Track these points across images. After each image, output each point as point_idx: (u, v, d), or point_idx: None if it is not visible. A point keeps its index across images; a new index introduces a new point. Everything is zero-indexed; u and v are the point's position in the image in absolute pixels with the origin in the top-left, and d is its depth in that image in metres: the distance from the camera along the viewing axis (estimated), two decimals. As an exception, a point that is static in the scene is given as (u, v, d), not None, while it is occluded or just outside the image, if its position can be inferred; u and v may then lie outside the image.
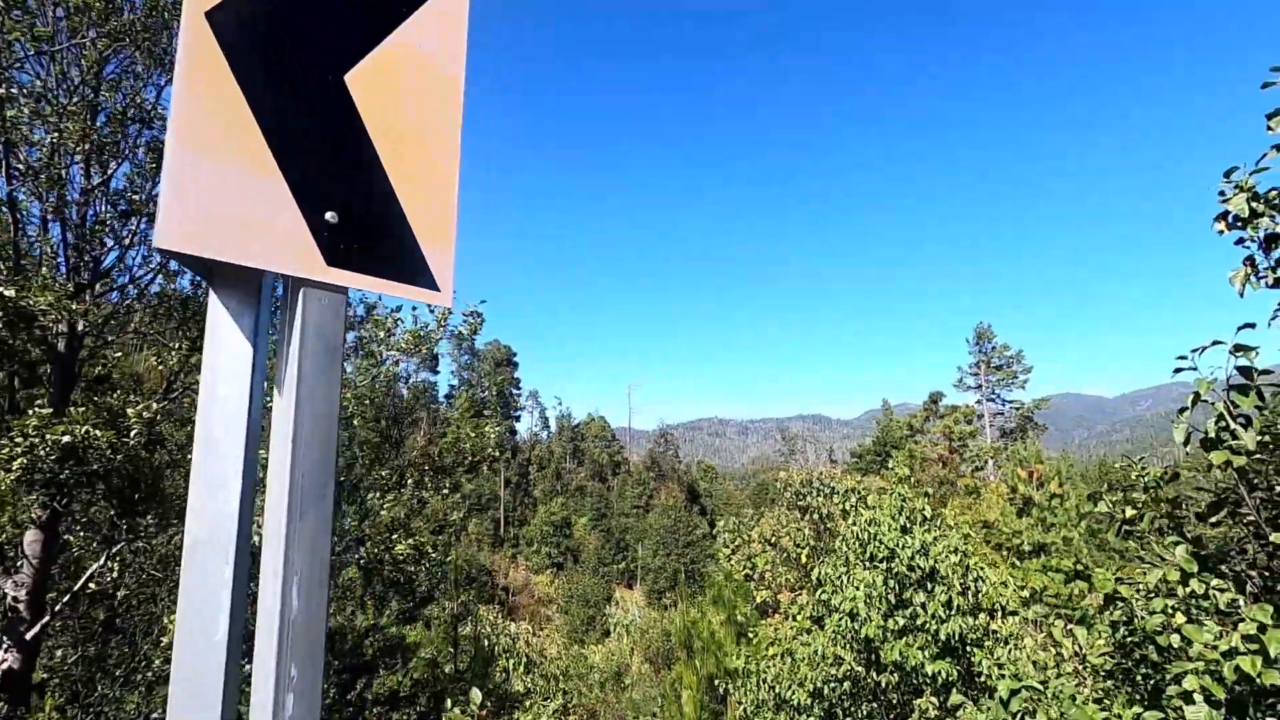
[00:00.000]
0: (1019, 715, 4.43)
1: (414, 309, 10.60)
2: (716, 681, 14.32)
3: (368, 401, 10.39)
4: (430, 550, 11.46)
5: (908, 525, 9.07)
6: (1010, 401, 74.05)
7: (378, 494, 10.52)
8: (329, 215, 1.11)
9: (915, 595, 8.31)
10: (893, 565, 8.48)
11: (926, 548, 8.45)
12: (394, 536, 10.66)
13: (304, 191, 1.09)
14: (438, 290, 1.19)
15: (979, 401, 74.37)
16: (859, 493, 11.03)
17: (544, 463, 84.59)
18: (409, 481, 11.26)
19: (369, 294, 11.59)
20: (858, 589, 8.26)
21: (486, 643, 16.05)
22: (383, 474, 10.71)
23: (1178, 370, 3.84)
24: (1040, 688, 3.86)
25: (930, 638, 7.93)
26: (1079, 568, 18.20)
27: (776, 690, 9.67)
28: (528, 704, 13.24)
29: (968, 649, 8.26)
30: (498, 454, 13.26)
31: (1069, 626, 9.95)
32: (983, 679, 7.99)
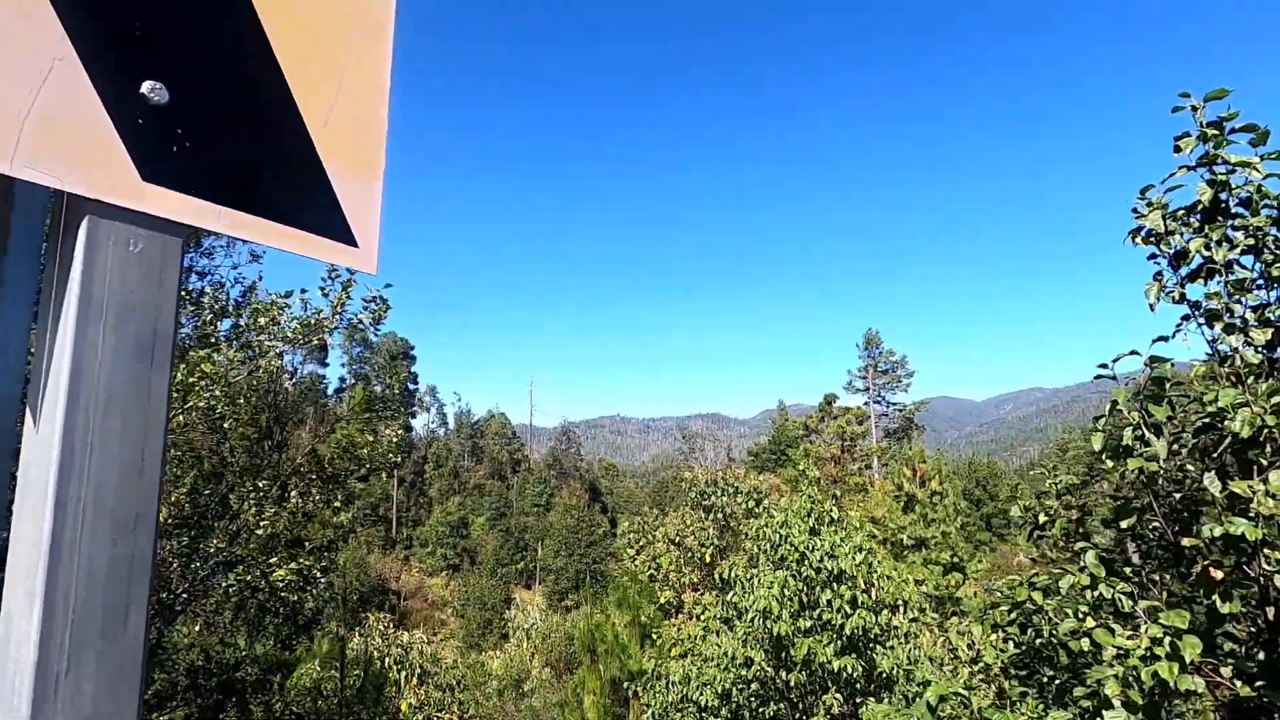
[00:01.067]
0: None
1: (303, 292, 9.46)
2: (622, 684, 14.08)
3: (241, 401, 9.19)
4: (317, 574, 10.32)
5: (816, 527, 9.18)
6: (894, 404, 78.98)
7: (253, 508, 9.26)
8: (148, 88, 0.63)
9: (823, 595, 8.40)
10: (802, 568, 8.54)
11: (834, 549, 8.57)
12: (273, 560, 9.48)
13: (96, 37, 0.60)
14: (355, 246, 0.74)
15: (866, 403, 78.83)
16: (762, 492, 11.09)
17: (441, 461, 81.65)
18: (292, 493, 10.07)
19: (239, 258, 10.11)
20: (770, 589, 8.25)
21: (379, 660, 15.01)
22: (260, 484, 9.49)
23: (1098, 377, 3.94)
24: (965, 693, 3.84)
25: (835, 634, 8.03)
26: (955, 560, 19.46)
27: (684, 692, 9.54)
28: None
29: (870, 645, 8.44)
30: (398, 459, 12.28)
31: (963, 623, 10.46)
32: (882, 675, 8.17)
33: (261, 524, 9.13)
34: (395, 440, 11.79)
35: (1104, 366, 3.86)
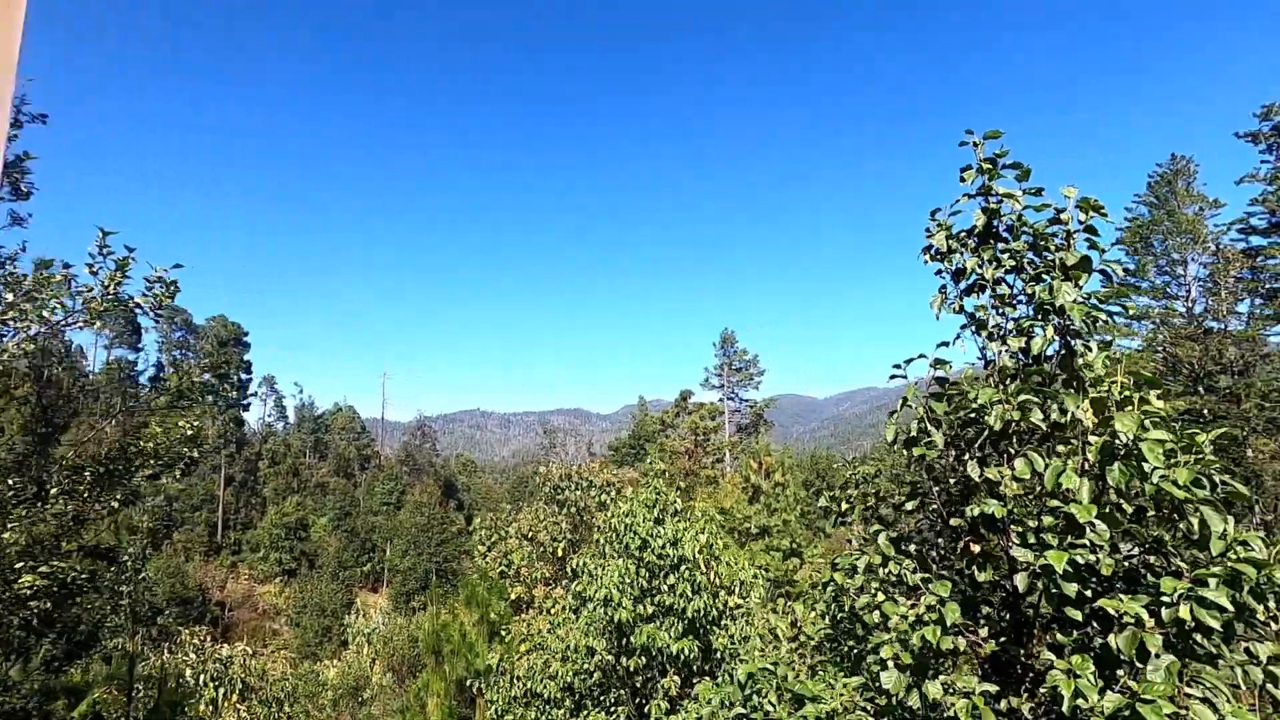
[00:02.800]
0: (751, 694, 4.76)
1: (66, 267, 8.26)
2: (468, 684, 13.74)
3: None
4: (82, 580, 8.99)
5: (661, 516, 9.50)
6: (746, 400, 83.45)
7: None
8: None
9: (664, 580, 8.73)
10: (644, 555, 8.80)
11: (677, 537, 8.93)
12: (19, 566, 8.13)
13: None
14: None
15: (721, 400, 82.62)
16: (616, 485, 11.30)
17: (278, 457, 74.93)
18: (52, 491, 8.68)
19: None
20: (611, 576, 8.43)
21: (193, 677, 13.51)
22: (10, 483, 8.10)
23: (892, 377, 4.43)
24: (772, 669, 4.17)
25: (677, 618, 8.38)
26: (794, 547, 20.92)
27: (528, 685, 9.51)
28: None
29: (709, 627, 8.89)
30: (194, 454, 11.06)
31: (789, 604, 11.27)
32: (718, 655, 8.64)
33: (9, 528, 7.80)
34: (190, 433, 10.62)
35: (898, 367, 4.35)
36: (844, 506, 4.94)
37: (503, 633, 14.69)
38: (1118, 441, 3.40)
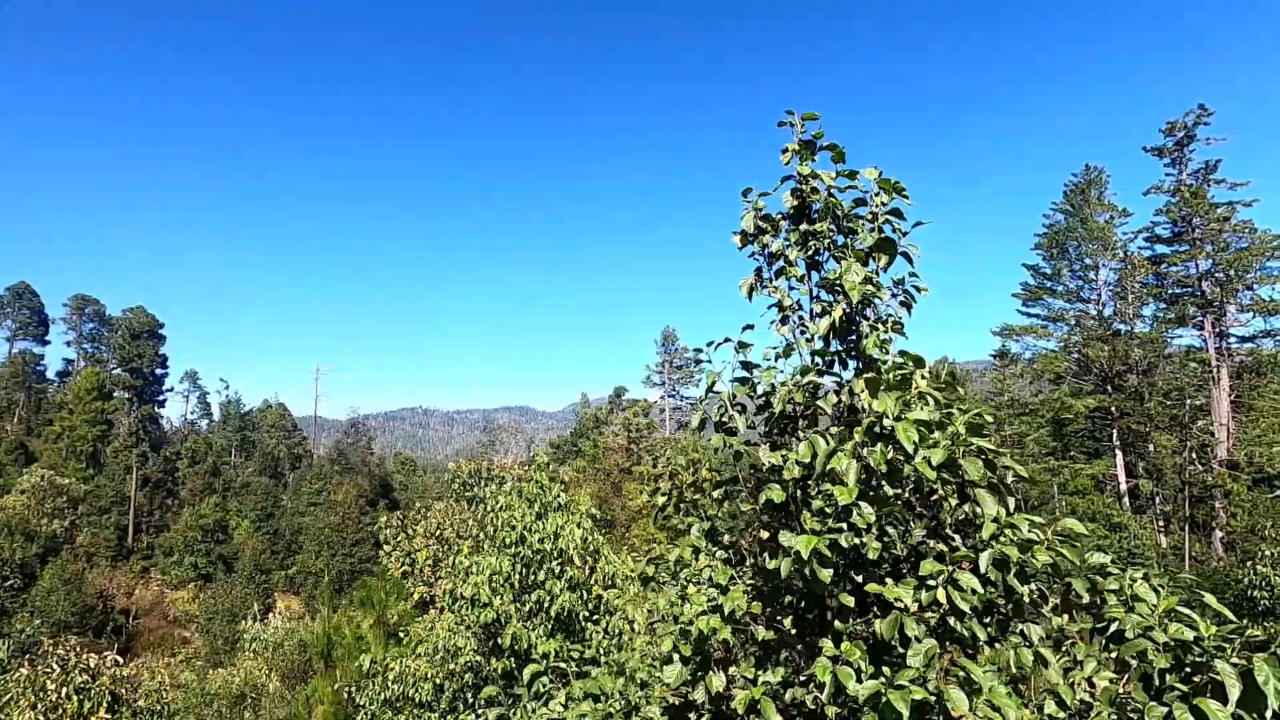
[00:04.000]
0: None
1: None
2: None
3: None
4: None
5: (544, 511, 9.25)
6: (687, 397, 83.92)
7: None
8: None
9: (538, 575, 8.49)
10: (521, 550, 8.55)
11: (558, 531, 8.70)
12: None
13: None
14: None
15: (662, 397, 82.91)
16: (524, 480, 10.97)
17: (198, 456, 71.30)
18: None
19: None
20: (481, 574, 8.14)
21: (53, 690, 12.53)
22: None
23: (697, 363, 4.30)
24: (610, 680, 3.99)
25: (548, 616, 8.15)
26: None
27: (403, 689, 9.14)
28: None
29: (583, 624, 8.69)
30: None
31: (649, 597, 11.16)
32: (591, 653, 8.45)
33: None
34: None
35: (699, 350, 4.22)
36: (660, 500, 4.79)
37: (401, 634, 14.19)
38: (884, 423, 3.34)
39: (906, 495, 3.50)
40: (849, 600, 3.47)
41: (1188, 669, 3.16)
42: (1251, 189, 54.37)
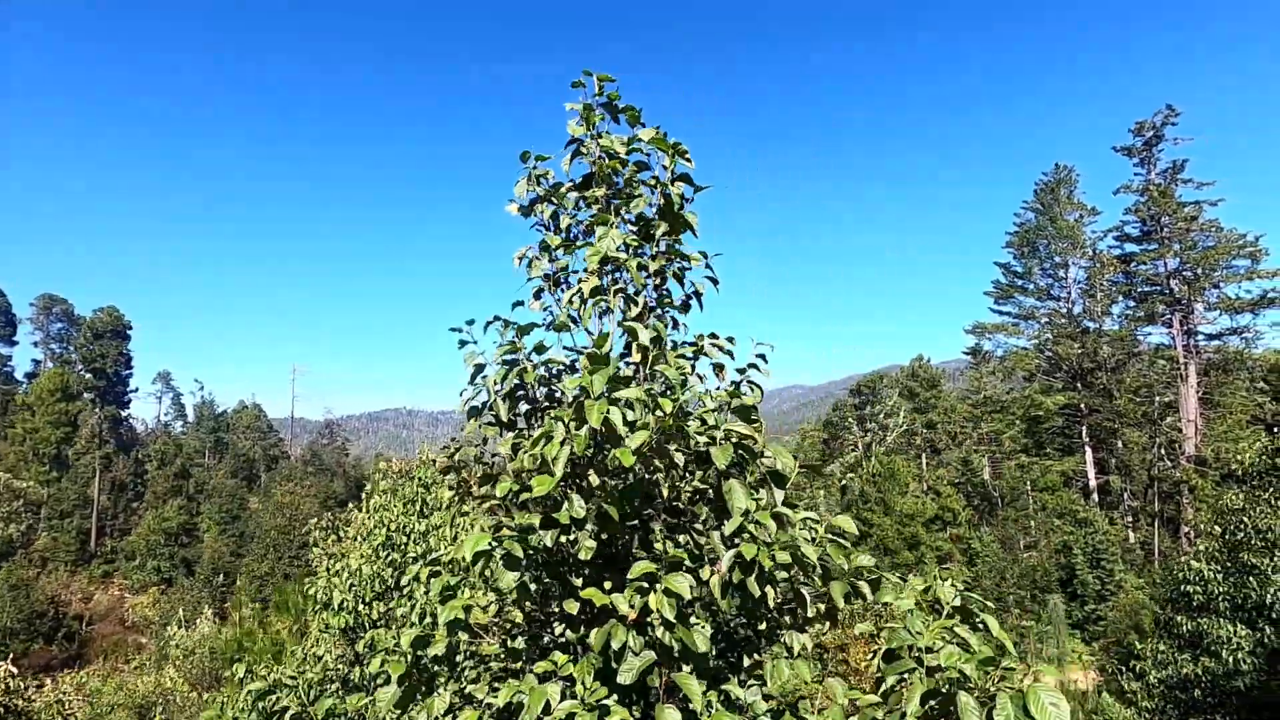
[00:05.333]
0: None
1: None
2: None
3: None
4: None
5: (425, 511, 8.81)
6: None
7: None
8: None
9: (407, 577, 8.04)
10: (389, 553, 8.10)
11: (428, 531, 8.27)
12: None
13: None
14: None
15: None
16: (405, 478, 10.52)
17: (167, 458, 69.90)
18: None
19: None
20: (336, 577, 7.70)
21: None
22: None
23: (462, 344, 3.88)
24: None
25: (409, 621, 7.72)
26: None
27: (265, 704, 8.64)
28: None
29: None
30: None
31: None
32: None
33: None
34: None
35: (457, 330, 3.79)
36: (445, 495, 4.38)
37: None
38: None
39: (633, 481, 3.10)
40: (572, 607, 3.08)
41: (941, 695, 2.79)
42: (1217, 189, 54.86)
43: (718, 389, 4.28)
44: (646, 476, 3.00)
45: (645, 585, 2.81)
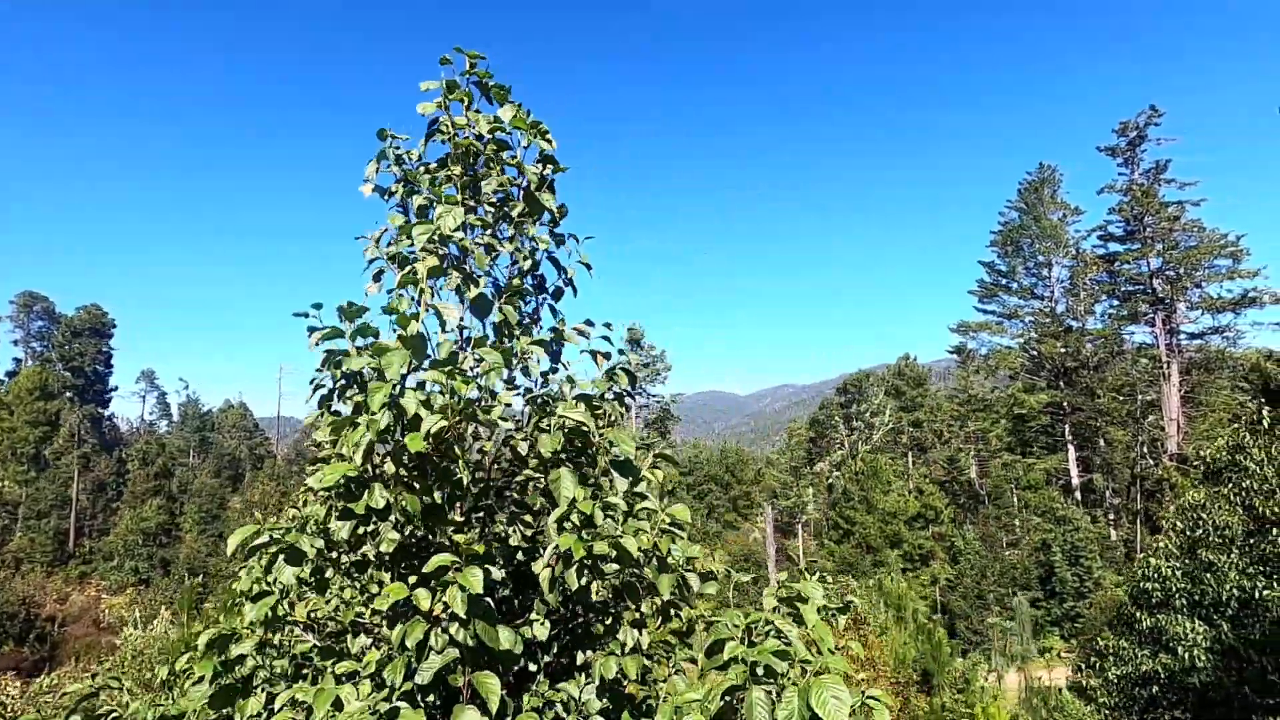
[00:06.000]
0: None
1: None
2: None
3: None
4: None
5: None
6: (654, 395, 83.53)
7: None
8: None
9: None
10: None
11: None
12: None
13: None
14: None
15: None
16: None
17: (150, 457, 69.22)
18: None
19: None
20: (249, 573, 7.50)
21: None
22: None
23: (311, 331, 3.70)
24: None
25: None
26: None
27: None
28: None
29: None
30: None
31: None
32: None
33: None
34: None
35: (302, 315, 3.61)
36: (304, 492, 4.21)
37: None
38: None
39: (435, 470, 2.94)
40: (383, 603, 2.92)
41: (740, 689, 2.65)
42: (1199, 189, 55.16)
43: (597, 377, 4.15)
44: (449, 465, 2.85)
45: (449, 580, 2.66)
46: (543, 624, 3.18)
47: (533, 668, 3.41)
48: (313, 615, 3.72)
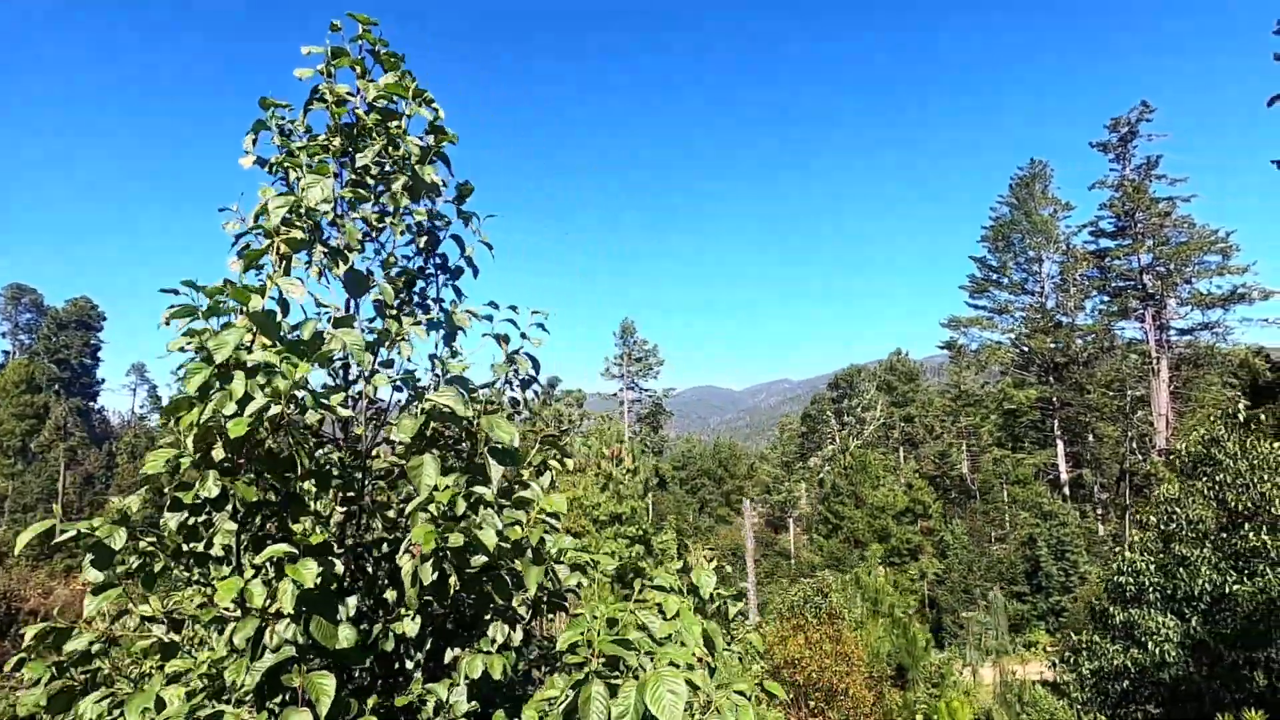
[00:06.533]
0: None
1: None
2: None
3: None
4: None
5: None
6: (647, 390, 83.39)
7: None
8: None
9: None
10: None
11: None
12: None
13: None
14: None
15: (621, 389, 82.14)
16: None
17: (139, 450, 68.82)
18: None
19: None
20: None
21: None
22: None
23: (168, 321, 3.50)
24: None
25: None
26: (641, 533, 20.03)
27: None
28: None
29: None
30: None
31: None
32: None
33: None
34: None
35: (171, 291, 3.40)
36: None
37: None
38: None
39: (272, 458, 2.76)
40: (224, 598, 2.74)
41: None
42: (1189, 185, 55.08)
43: (497, 363, 3.97)
44: (286, 454, 2.66)
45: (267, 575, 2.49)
46: (413, 620, 3.01)
47: (410, 666, 3.24)
48: (173, 610, 3.54)
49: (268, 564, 2.53)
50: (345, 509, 3.25)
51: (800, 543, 58.34)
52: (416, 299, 3.94)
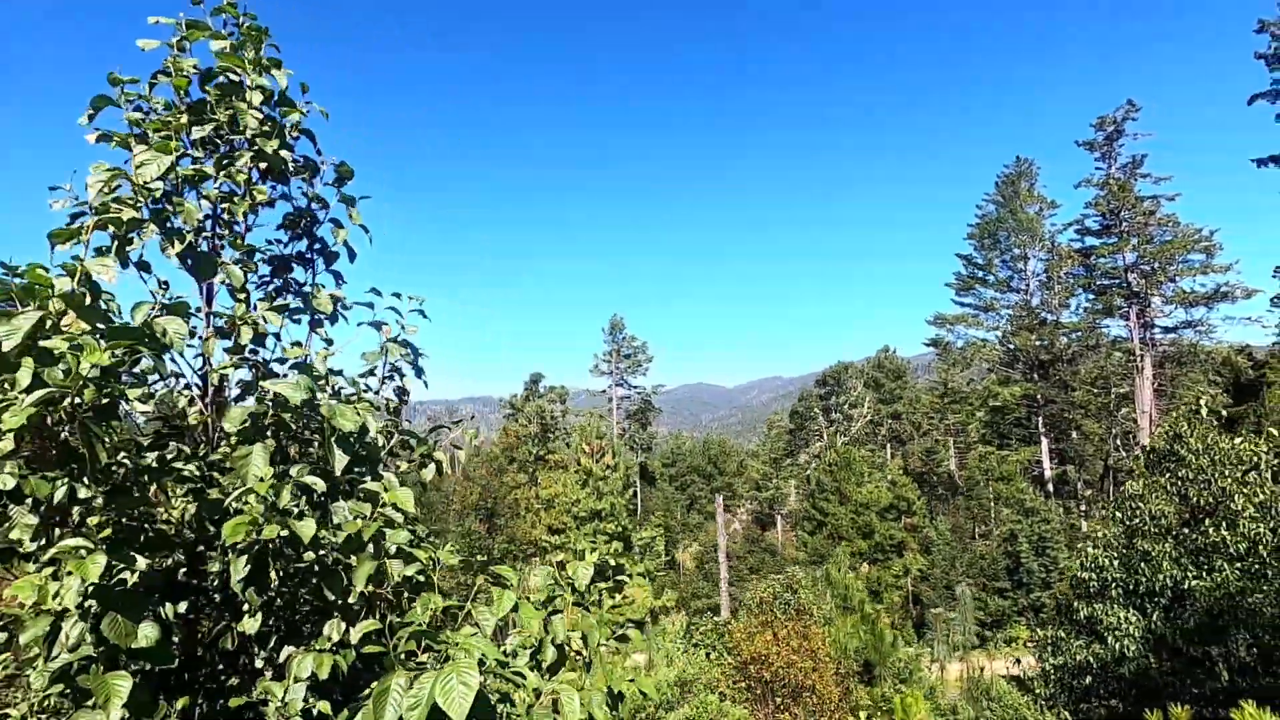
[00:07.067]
0: None
1: None
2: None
3: None
4: None
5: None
6: (635, 387, 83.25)
7: None
8: None
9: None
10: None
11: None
12: None
13: None
14: None
15: (610, 386, 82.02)
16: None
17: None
18: None
19: None
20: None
21: None
22: None
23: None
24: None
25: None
26: (621, 530, 20.01)
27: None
28: None
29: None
30: None
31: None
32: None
33: None
34: None
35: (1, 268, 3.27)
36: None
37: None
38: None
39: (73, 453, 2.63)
40: (24, 596, 2.62)
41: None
42: (1173, 183, 55.30)
43: (369, 351, 3.85)
44: (83, 449, 2.53)
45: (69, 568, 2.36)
46: (252, 618, 2.89)
47: (261, 665, 3.13)
48: None
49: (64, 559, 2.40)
50: (195, 502, 3.12)
51: (788, 539, 58.45)
52: (294, 286, 3.81)
